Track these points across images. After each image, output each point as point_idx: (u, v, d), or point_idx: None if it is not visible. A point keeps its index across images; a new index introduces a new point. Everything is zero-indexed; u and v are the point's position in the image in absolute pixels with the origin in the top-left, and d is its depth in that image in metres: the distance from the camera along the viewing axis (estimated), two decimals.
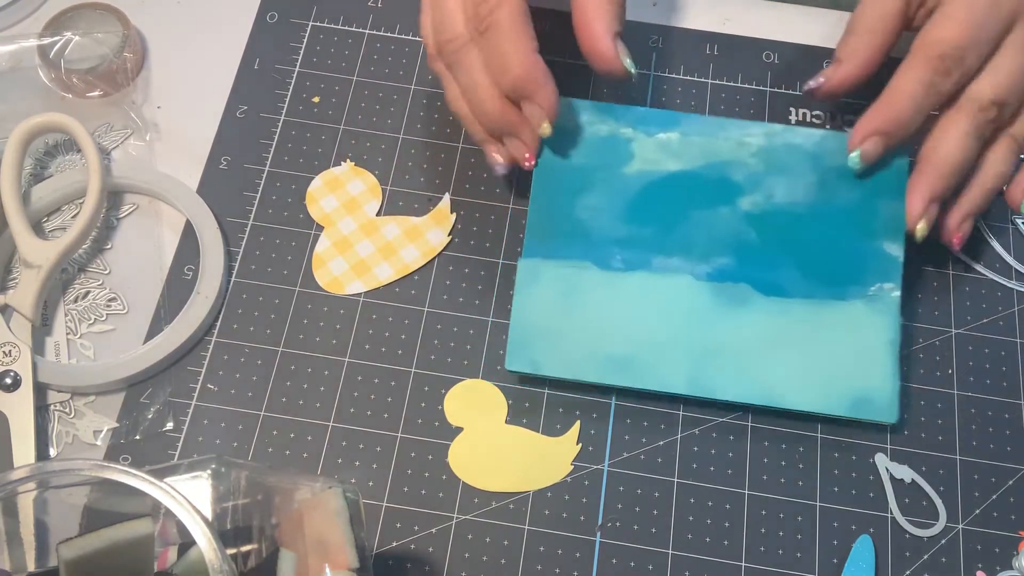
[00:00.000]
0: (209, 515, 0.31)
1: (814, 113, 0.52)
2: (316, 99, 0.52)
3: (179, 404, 0.45)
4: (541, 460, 0.44)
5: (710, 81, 0.53)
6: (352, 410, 0.45)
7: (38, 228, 0.48)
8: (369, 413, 0.45)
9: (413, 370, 0.46)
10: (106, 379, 0.44)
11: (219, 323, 0.46)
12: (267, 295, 0.47)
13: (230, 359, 0.46)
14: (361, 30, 0.54)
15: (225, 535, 0.33)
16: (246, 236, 0.48)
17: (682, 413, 0.45)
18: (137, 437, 0.44)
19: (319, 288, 0.47)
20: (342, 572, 0.32)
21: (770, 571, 0.42)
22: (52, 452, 0.44)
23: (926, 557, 0.43)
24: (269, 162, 0.50)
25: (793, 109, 0.52)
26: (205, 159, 0.50)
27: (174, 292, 0.47)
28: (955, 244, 0.46)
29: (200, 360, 0.46)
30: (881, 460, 0.45)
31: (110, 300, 0.47)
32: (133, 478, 0.30)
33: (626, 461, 0.44)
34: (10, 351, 0.44)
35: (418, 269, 0.48)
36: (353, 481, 0.43)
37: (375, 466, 0.44)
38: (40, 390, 0.44)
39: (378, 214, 0.49)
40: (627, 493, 0.44)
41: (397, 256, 0.48)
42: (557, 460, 0.44)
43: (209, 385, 0.45)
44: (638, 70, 0.44)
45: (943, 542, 0.43)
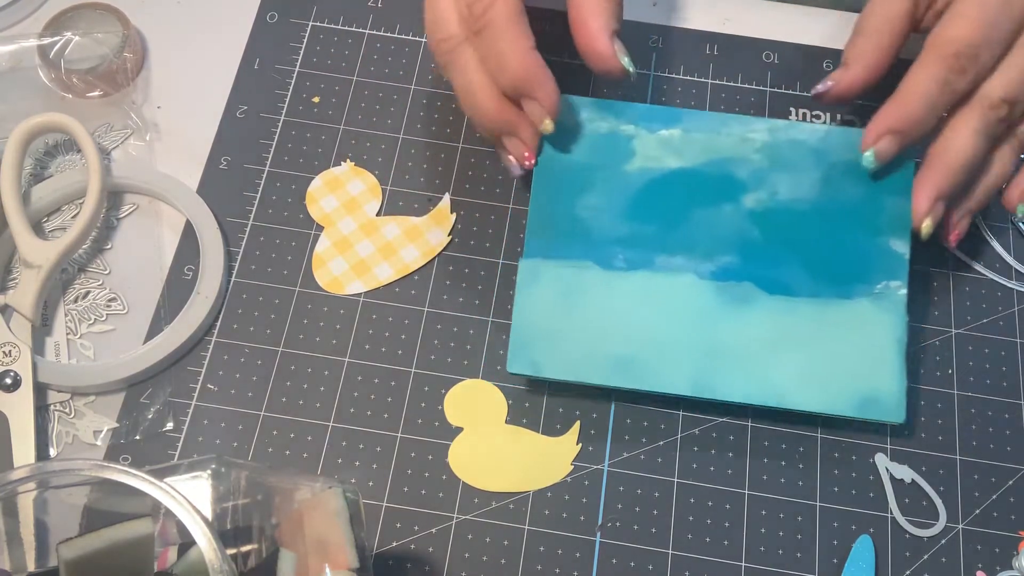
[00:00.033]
0: (209, 515, 0.31)
1: (814, 113, 0.52)
2: (316, 99, 0.52)
3: (179, 404, 0.45)
4: (541, 460, 0.44)
5: (710, 81, 0.53)
6: (352, 410, 0.45)
7: (38, 228, 0.48)
8: (369, 413, 0.45)
9: (413, 370, 0.46)
10: (106, 379, 0.44)
11: (219, 323, 0.46)
12: (267, 295, 0.47)
13: (230, 359, 0.46)
14: (361, 30, 0.54)
15: (225, 535, 0.33)
16: (246, 236, 0.48)
17: (682, 413, 0.45)
18: (137, 437, 0.44)
19: (319, 288, 0.47)
20: (342, 572, 0.32)
21: (770, 571, 0.42)
22: (52, 452, 0.44)
23: (926, 557, 0.43)
24: (269, 162, 0.50)
25: (793, 109, 0.52)
26: (205, 159, 0.50)
27: (174, 292, 0.47)
28: (952, 241, 0.45)
29: (200, 360, 0.46)
30: (881, 460, 0.44)
31: (110, 300, 0.47)
32: (133, 478, 0.30)
33: (626, 461, 0.44)
34: (10, 351, 0.44)
35: (418, 269, 0.48)
36: (353, 481, 0.43)
37: (375, 466, 0.44)
38: (40, 390, 0.44)
39: (378, 214, 0.49)
40: (627, 493, 0.44)
41: (397, 256, 0.48)
42: (557, 460, 0.44)
43: (209, 385, 0.45)
44: (637, 70, 0.43)
45: (943, 542, 0.43)
